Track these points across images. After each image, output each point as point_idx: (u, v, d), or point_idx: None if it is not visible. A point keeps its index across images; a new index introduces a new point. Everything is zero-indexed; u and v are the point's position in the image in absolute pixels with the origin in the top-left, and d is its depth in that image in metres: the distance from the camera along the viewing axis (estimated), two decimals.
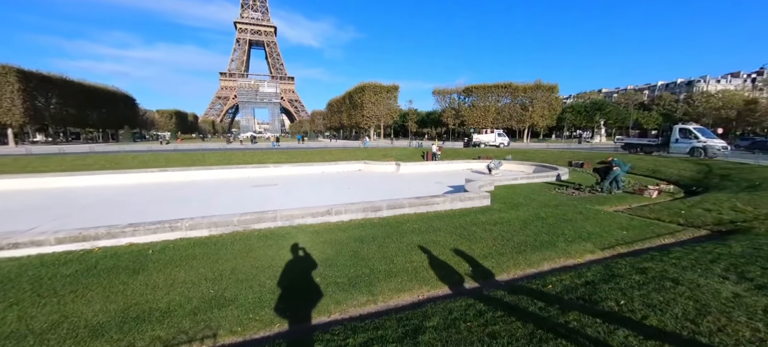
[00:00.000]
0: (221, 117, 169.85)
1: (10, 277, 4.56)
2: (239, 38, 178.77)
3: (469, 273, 4.71)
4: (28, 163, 18.95)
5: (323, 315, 3.73)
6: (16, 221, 8.59)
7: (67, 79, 53.17)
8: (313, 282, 4.45)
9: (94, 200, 11.61)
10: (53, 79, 49.94)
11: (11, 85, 42.27)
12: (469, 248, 5.67)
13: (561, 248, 5.67)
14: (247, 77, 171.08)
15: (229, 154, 24.40)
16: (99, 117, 61.19)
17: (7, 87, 42.09)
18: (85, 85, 57.41)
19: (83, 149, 31.95)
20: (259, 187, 14.46)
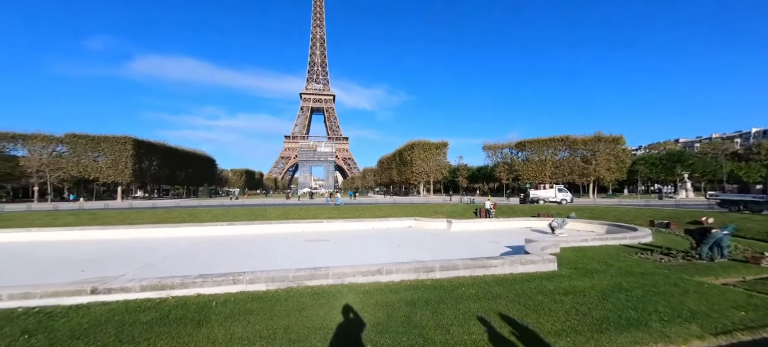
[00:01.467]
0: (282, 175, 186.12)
1: (101, 321, 5.13)
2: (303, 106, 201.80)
3: None
4: (127, 216, 22.34)
5: None
6: (112, 268, 9.90)
7: (167, 146, 64.06)
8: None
9: (173, 251, 13.00)
10: (157, 146, 60.56)
11: (127, 151, 52.15)
12: (537, 321, 4.98)
13: (656, 330, 4.69)
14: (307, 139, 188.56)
15: (287, 209, 26.11)
16: (186, 176, 71.34)
17: (124, 153, 51.96)
18: (179, 150, 68.41)
19: (170, 204, 36.92)
20: (312, 242, 14.95)
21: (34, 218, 22.01)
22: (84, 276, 8.46)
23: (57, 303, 5.91)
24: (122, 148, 52.15)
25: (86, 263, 10.90)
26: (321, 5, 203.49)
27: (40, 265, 10.76)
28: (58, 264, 10.87)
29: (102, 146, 51.48)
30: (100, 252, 12.94)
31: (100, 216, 22.38)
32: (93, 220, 21.51)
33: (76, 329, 4.86)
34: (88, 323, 5.07)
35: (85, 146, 50.83)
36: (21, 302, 5.89)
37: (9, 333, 4.74)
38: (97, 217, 22.15)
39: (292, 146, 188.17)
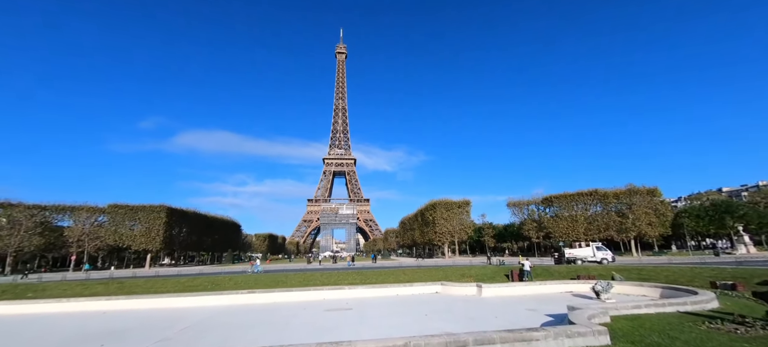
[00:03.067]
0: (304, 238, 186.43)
1: None
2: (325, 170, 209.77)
3: None
4: (153, 285, 22.53)
5: None
6: (129, 342, 9.67)
7: (197, 213, 66.94)
8: None
9: (193, 322, 12.67)
10: (188, 213, 63.40)
11: (161, 219, 54.76)
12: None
13: None
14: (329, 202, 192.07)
15: (308, 275, 25.48)
16: (212, 242, 72.91)
17: (157, 221, 54.54)
18: (207, 217, 71.11)
19: (194, 271, 37.19)
20: (334, 311, 14.19)
21: (66, 288, 22.66)
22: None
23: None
24: (157, 216, 54.91)
25: (107, 335, 10.76)
26: (343, 79, 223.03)
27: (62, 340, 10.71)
28: (80, 337, 10.79)
29: (139, 215, 54.50)
30: (123, 323, 12.83)
31: (127, 286, 22.71)
32: (120, 289, 21.82)
33: None
34: None
35: (123, 216, 54.04)
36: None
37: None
38: (125, 286, 22.48)
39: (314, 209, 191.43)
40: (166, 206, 57.00)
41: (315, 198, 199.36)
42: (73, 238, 51.00)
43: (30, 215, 48.21)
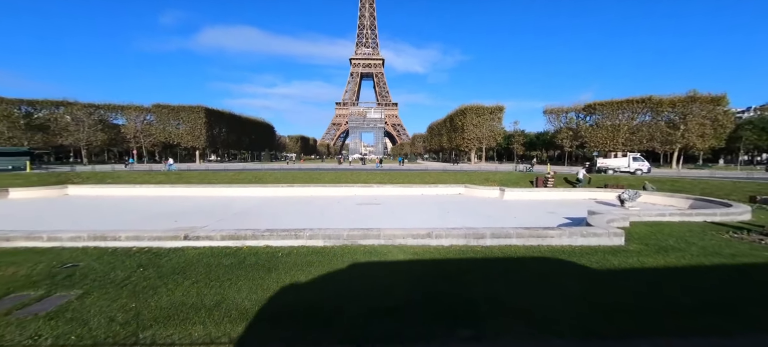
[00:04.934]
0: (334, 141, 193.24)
1: (193, 262, 6.13)
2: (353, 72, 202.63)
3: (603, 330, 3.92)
4: (205, 176, 25.45)
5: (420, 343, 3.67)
6: (196, 219, 11.55)
7: (233, 114, 70.07)
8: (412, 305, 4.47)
9: (243, 208, 14.66)
10: (224, 114, 66.60)
11: (200, 119, 58.30)
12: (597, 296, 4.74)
13: (746, 315, 4.16)
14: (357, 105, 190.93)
15: (340, 173, 27.36)
16: (249, 142, 78.05)
17: (198, 121, 58.20)
18: (242, 118, 74.47)
19: (239, 167, 41.06)
20: (364, 205, 15.63)
21: (136, 176, 26.27)
22: (176, 225, 10.03)
23: (160, 246, 7.17)
24: (197, 116, 58.40)
25: (176, 214, 12.87)
26: None
27: (143, 214, 12.98)
28: (156, 213, 13.01)
29: (181, 115, 58.20)
30: (186, 206, 15.14)
31: (184, 176, 25.89)
32: (179, 179, 24.98)
33: (176, 266, 5.89)
34: (184, 262, 6.11)
35: (167, 115, 57.96)
36: (134, 243, 7.26)
37: (129, 265, 5.93)
38: (182, 177, 25.66)
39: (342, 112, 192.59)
40: (204, 106, 59.83)
41: (343, 101, 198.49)
42: (130, 134, 56.56)
43: (88, 113, 53.04)
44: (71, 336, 3.74)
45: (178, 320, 4.06)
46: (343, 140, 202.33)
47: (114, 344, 3.63)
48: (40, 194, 19.23)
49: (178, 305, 4.44)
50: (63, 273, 5.58)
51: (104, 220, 11.55)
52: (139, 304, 4.46)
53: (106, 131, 55.03)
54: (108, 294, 4.75)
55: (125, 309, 4.32)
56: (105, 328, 3.90)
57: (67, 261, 6.22)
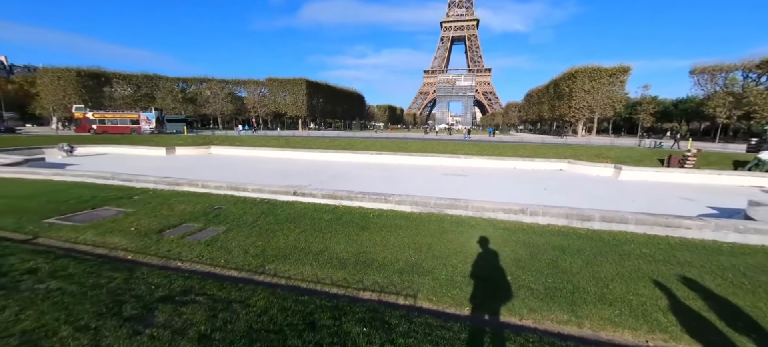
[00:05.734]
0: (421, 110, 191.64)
1: (301, 214, 7.14)
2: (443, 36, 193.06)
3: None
4: (307, 142, 28.68)
5: (514, 316, 3.55)
6: (300, 179, 13.25)
7: (328, 85, 75.82)
8: (503, 278, 4.32)
9: (337, 171, 16.11)
10: (322, 86, 72.57)
11: (302, 90, 64.98)
12: (754, 305, 3.73)
13: None
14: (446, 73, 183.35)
15: (426, 143, 27.28)
16: (342, 111, 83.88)
17: (300, 92, 65.03)
18: (337, 89, 79.99)
19: (334, 134, 44.88)
20: (449, 176, 15.37)
21: (255, 140, 31.38)
22: (286, 182, 11.73)
23: (275, 198, 8.55)
24: (299, 88, 65.25)
25: (286, 173, 14.99)
26: None
27: (262, 171, 15.53)
28: (270, 171, 15.40)
29: (287, 87, 65.89)
30: (292, 167, 17.46)
31: (291, 142, 29.74)
32: (286, 144, 28.80)
33: (288, 216, 6.97)
34: (294, 214, 7.16)
35: (277, 87, 66.35)
36: (257, 194, 8.82)
37: (255, 212, 7.28)
38: (290, 142, 29.52)
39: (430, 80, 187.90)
40: (305, 79, 66.20)
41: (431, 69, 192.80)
42: (250, 105, 67.13)
43: (221, 87, 64.72)
44: (221, 260, 4.88)
45: (292, 259, 4.86)
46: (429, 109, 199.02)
47: (248, 269, 4.59)
48: (193, 152, 24.85)
49: (291, 247, 5.29)
50: (213, 212, 7.22)
51: (236, 174, 14.30)
52: (264, 242, 5.49)
53: (233, 103, 66.58)
54: (242, 232, 5.97)
55: (255, 245, 5.38)
56: (242, 257, 4.95)
57: (215, 204, 7.99)
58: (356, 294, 3.96)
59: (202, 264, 4.77)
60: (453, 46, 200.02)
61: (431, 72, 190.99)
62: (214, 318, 2.85)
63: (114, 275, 3.88)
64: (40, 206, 7.62)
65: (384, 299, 3.87)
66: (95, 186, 9.94)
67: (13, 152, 18.27)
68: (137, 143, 26.84)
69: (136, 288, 3.48)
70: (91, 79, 53.73)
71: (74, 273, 3.84)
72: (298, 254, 5.02)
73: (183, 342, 2.41)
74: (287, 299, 3.41)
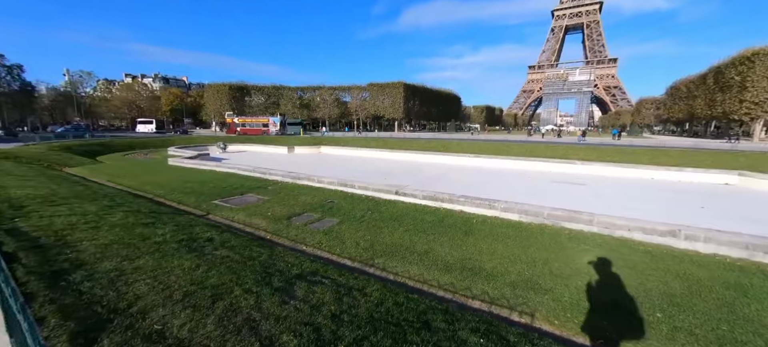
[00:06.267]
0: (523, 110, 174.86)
1: (403, 213, 7.38)
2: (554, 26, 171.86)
3: None
4: (403, 143, 29.56)
5: None
6: (399, 179, 13.71)
7: (425, 87, 76.61)
8: (651, 314, 3.54)
9: (434, 173, 16.08)
10: (418, 88, 73.80)
11: (400, 94, 67.37)
12: None
13: None
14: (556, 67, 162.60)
15: (530, 146, 24.74)
16: (437, 113, 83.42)
17: (398, 95, 67.54)
18: (433, 91, 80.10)
19: (429, 136, 45.07)
20: (560, 184, 13.55)
21: (356, 141, 34.08)
22: (386, 181, 12.33)
23: (379, 196, 9.08)
24: (397, 91, 67.84)
25: (385, 173, 15.77)
26: None
27: (364, 170, 16.72)
28: (371, 170, 16.43)
29: (386, 91, 69.36)
30: (390, 167, 18.25)
31: (388, 143, 31.20)
32: (384, 145, 30.32)
33: (392, 214, 7.30)
34: (397, 212, 7.46)
35: (377, 91, 70.52)
36: (363, 191, 9.53)
37: (362, 208, 7.87)
38: (387, 143, 31.00)
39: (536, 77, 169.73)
40: (403, 82, 68.42)
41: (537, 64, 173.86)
42: (353, 109, 73.24)
43: (330, 93, 72.55)
44: (337, 249, 5.44)
45: (399, 257, 5.06)
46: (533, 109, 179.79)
47: (360, 260, 4.99)
48: (308, 151, 28.57)
49: (397, 245, 5.52)
50: (327, 205, 8.13)
51: (343, 171, 15.82)
52: (372, 237, 5.88)
53: (339, 107, 73.82)
54: (353, 226, 6.54)
55: (365, 238, 5.81)
56: (354, 248, 5.42)
57: (328, 197, 8.98)
58: (465, 302, 3.86)
59: (321, 250, 5.42)
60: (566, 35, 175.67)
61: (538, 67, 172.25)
62: (340, 301, 3.19)
63: (261, 250, 4.76)
64: (209, 190, 9.96)
65: (496, 311, 3.65)
66: (242, 177, 12.44)
67: (190, 149, 24.47)
68: (267, 142, 32.44)
69: (278, 264, 4.19)
70: (237, 91, 67.69)
71: (235, 245, 4.86)
72: (404, 253, 5.19)
73: (319, 318, 2.77)
74: (399, 294, 3.56)
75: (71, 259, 3.61)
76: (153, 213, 6.45)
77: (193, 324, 2.41)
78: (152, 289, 2.97)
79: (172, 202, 8.64)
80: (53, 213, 5.58)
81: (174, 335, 2.27)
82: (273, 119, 49.59)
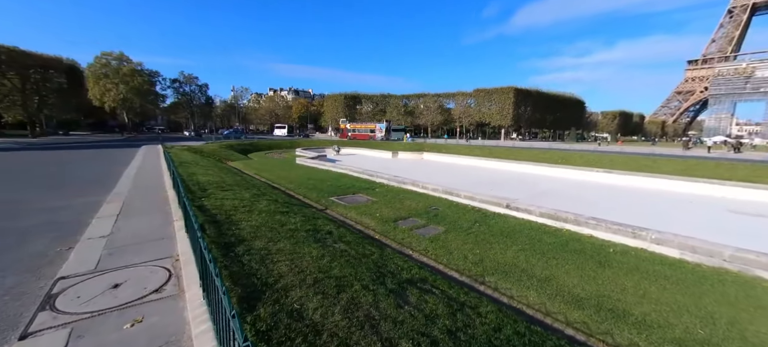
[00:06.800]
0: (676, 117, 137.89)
1: (516, 230, 6.68)
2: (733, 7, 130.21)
3: None
4: (511, 153, 27.21)
5: None
6: (506, 191, 12.56)
7: (540, 91, 69.16)
8: None
9: (549, 187, 14.14)
10: (531, 93, 67.15)
11: (509, 99, 62.59)
12: None
13: None
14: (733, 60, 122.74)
15: (689, 163, 19.21)
16: (554, 119, 73.90)
17: (506, 101, 62.84)
18: (548, 95, 71.49)
19: (543, 146, 40.28)
20: (744, 215, 9.97)
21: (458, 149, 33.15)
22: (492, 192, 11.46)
23: (486, 208, 8.49)
24: (506, 97, 63.18)
25: (490, 183, 14.74)
26: None
27: (467, 179, 16.05)
28: (475, 180, 15.62)
29: (493, 96, 65.46)
30: (496, 177, 16.96)
31: (494, 152, 29.25)
32: (489, 154, 28.53)
33: (502, 229, 6.71)
34: (508, 228, 6.81)
35: (483, 98, 67.28)
36: (469, 201, 9.09)
37: (469, 219, 7.50)
38: (492, 152, 29.10)
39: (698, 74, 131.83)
40: (514, 87, 63.32)
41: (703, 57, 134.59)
42: (456, 116, 71.80)
43: (433, 101, 72.97)
44: (443, 258, 5.29)
45: (513, 278, 4.56)
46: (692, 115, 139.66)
47: (469, 275, 4.71)
48: (410, 156, 29.33)
49: (510, 265, 5.00)
50: (432, 212, 8.07)
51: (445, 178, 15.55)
52: (481, 252, 5.51)
53: (442, 114, 73.50)
54: (459, 236, 6.27)
55: (473, 252, 5.49)
56: (462, 261, 5.16)
57: (432, 204, 8.92)
58: None
59: (427, 258, 5.36)
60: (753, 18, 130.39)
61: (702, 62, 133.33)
62: (454, 316, 3.04)
63: (372, 249, 5.01)
64: (327, 187, 11.23)
65: None
66: (353, 177, 13.60)
67: (312, 150, 28.33)
68: (374, 147, 34.80)
69: (389, 265, 4.32)
70: (350, 100, 75.18)
71: (350, 241, 5.27)
72: (519, 275, 4.65)
73: (435, 331, 2.69)
74: (518, 323, 3.17)
75: (235, 235, 4.56)
76: (286, 204, 7.63)
77: (324, 310, 2.66)
78: (290, 270, 3.45)
79: (299, 195, 10.07)
80: (223, 197, 7.21)
81: (309, 317, 2.56)
82: (379, 126, 52.98)
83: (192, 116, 70.17)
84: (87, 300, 2.99)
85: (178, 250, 4.27)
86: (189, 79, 66.25)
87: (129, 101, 48.90)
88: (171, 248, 4.35)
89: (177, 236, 4.80)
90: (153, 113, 69.61)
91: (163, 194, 7.87)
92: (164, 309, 2.85)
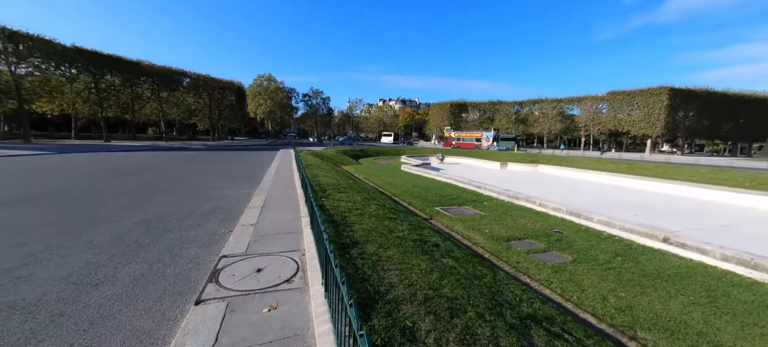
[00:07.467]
0: None
1: (682, 274, 5.05)
2: None
3: None
4: (664, 170, 21.42)
5: None
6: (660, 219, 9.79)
7: (710, 91, 52.65)
8: None
9: (736, 222, 10.36)
10: (697, 93, 51.74)
11: (661, 102, 49.79)
12: None
13: None
14: None
15: None
16: (734, 127, 54.98)
17: (657, 105, 50.15)
18: (728, 95, 53.64)
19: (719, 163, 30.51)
20: None
21: (586, 162, 28.13)
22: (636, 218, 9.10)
23: (632, 239, 6.77)
24: (656, 99, 50.41)
25: (632, 206, 11.81)
26: None
27: (597, 199, 13.33)
28: (610, 200, 12.80)
29: (636, 100, 53.21)
30: (640, 200, 13.50)
31: (635, 167, 23.62)
32: (630, 170, 23.17)
33: (659, 270, 5.18)
34: (669, 270, 5.21)
35: (621, 102, 55.51)
36: (605, 227, 7.45)
37: (606, 250, 6.10)
38: (634, 167, 23.54)
39: None
40: (668, 86, 50.06)
41: None
42: (582, 123, 61.54)
43: (552, 107, 64.45)
44: (573, 295, 4.39)
45: (686, 343, 3.39)
46: None
47: (611, 324, 3.75)
48: (522, 168, 26.50)
49: (677, 320, 3.77)
50: (554, 235, 6.93)
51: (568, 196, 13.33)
52: (628, 296, 4.35)
53: (563, 121, 64.21)
54: (594, 271, 5.14)
55: (616, 294, 4.38)
56: (600, 303, 4.17)
57: (553, 226, 7.68)
58: None
59: (550, 291, 4.56)
60: None
61: None
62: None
63: (483, 270, 4.57)
64: (431, 196, 11.10)
65: None
66: (458, 187, 13.09)
67: (416, 158, 28.83)
68: (479, 156, 33.02)
69: (505, 293, 3.83)
70: (456, 108, 73.67)
71: (458, 257, 4.95)
72: (695, 339, 3.43)
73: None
74: None
75: (350, 236, 4.86)
76: (393, 210, 7.82)
77: (437, 336, 2.49)
78: (400, 281, 3.41)
79: (404, 202, 10.25)
80: (339, 198, 7.92)
81: (423, 340, 2.42)
82: (486, 134, 50.08)
83: (316, 124, 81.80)
84: (240, 279, 3.63)
85: (304, 245, 4.82)
86: (316, 94, 77.45)
87: (273, 113, 60.66)
88: (299, 242, 4.95)
89: (304, 232, 5.45)
90: (288, 122, 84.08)
91: (294, 192, 9.20)
92: (293, 300, 3.19)
